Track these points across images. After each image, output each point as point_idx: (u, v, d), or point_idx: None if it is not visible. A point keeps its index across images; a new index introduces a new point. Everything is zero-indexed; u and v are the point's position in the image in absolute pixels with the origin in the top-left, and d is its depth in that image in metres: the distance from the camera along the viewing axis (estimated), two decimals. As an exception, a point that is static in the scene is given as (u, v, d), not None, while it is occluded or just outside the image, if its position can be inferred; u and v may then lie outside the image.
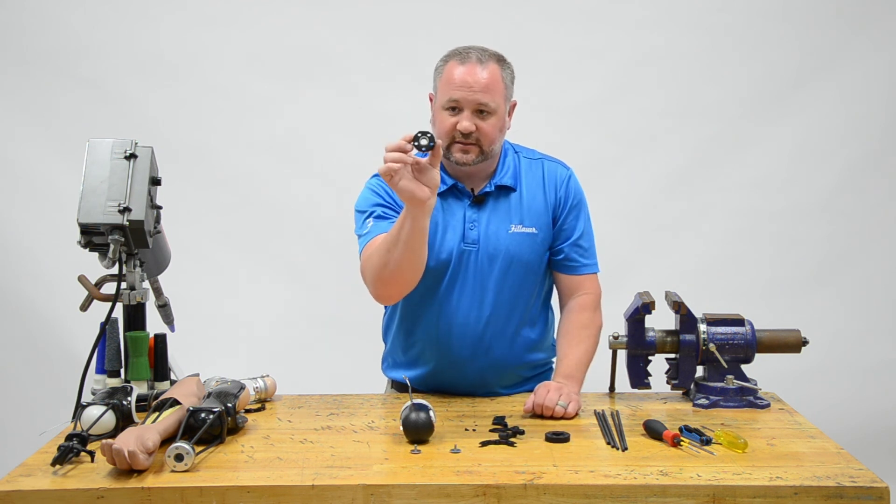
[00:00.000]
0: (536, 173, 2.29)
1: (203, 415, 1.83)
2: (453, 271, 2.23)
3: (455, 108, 2.15)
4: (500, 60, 2.19)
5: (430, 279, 2.20)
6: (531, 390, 2.27)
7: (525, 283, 2.26)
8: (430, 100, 2.26)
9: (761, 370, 2.27)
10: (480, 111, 2.14)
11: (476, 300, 2.24)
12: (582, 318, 2.29)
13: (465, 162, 2.17)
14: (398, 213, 2.17)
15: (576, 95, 3.79)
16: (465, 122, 2.13)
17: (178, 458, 1.70)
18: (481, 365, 2.26)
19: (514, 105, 2.26)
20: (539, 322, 2.34)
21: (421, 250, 2.05)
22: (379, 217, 2.21)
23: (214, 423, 1.84)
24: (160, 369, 2.19)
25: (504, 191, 2.26)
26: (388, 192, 2.24)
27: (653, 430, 1.89)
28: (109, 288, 2.19)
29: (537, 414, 2.07)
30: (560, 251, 2.30)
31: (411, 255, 2.04)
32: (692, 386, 2.22)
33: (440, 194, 2.22)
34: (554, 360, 2.41)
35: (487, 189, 2.25)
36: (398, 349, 2.38)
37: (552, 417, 2.05)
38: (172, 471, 1.69)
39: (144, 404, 2.07)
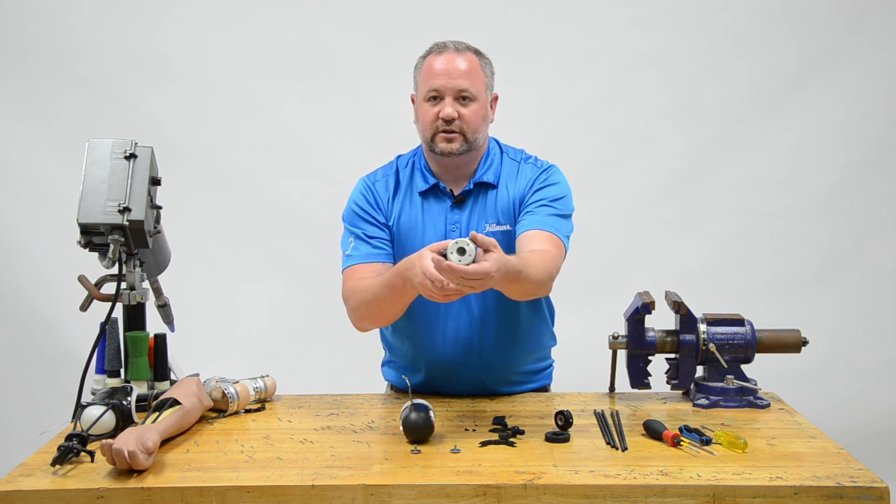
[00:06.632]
0: (518, 173, 2.25)
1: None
2: None
3: (437, 98, 2.16)
4: (478, 53, 2.20)
5: None
6: (531, 390, 2.28)
7: None
8: (412, 101, 2.26)
9: (761, 370, 2.27)
10: (462, 98, 2.15)
11: (464, 304, 2.21)
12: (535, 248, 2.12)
13: (450, 151, 2.16)
14: (380, 228, 2.21)
15: (575, 95, 3.79)
16: (448, 109, 2.14)
17: (461, 251, 1.72)
18: (475, 369, 2.24)
19: (496, 98, 2.26)
20: (533, 322, 2.30)
21: (408, 303, 2.10)
22: (360, 240, 2.23)
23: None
24: (160, 369, 2.19)
25: (484, 188, 2.23)
26: (371, 203, 2.25)
27: (653, 430, 1.89)
28: (109, 288, 2.19)
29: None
30: (528, 207, 2.19)
31: (400, 308, 2.10)
32: (692, 386, 2.22)
33: (422, 194, 2.23)
34: (553, 359, 2.40)
35: (468, 188, 2.22)
36: (393, 357, 2.38)
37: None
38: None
39: (144, 404, 2.07)
